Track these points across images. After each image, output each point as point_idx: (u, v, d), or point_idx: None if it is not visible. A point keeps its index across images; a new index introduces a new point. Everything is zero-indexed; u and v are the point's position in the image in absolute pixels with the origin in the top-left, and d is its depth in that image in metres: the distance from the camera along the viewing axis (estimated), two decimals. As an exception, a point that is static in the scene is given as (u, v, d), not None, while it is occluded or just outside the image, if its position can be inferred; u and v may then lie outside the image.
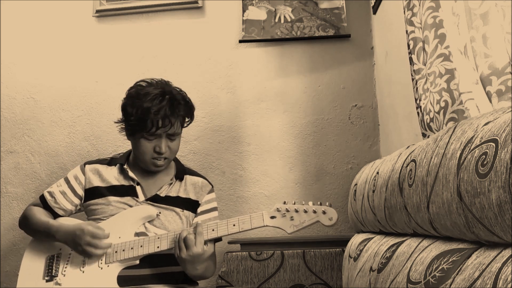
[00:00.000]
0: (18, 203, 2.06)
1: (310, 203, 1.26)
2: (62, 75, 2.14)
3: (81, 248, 1.27)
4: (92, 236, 1.27)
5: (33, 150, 2.10)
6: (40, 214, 1.41)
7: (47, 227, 1.34)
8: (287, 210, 1.25)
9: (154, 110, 1.31)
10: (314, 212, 1.24)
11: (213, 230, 1.27)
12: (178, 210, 1.41)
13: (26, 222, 1.42)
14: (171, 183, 1.45)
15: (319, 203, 1.27)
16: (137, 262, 1.31)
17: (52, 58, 2.15)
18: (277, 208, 1.26)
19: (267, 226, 1.26)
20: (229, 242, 1.71)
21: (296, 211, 1.25)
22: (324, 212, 1.24)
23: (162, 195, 1.42)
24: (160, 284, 1.35)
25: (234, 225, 1.27)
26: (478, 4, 0.87)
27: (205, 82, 2.06)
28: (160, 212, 1.38)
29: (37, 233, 1.39)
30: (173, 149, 1.41)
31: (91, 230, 1.28)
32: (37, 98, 2.14)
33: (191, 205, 1.45)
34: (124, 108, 1.39)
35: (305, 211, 1.25)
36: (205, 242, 1.26)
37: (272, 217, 1.26)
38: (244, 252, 1.61)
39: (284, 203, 1.27)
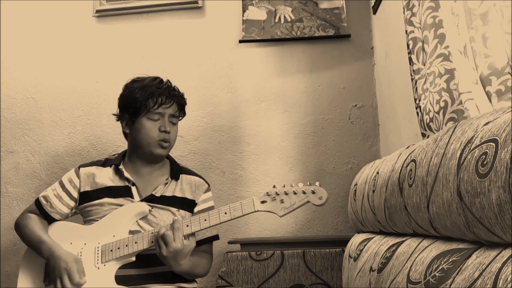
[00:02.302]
0: (18, 203, 2.06)
1: (300, 184, 1.25)
2: (62, 75, 2.14)
3: (58, 272, 1.25)
4: (77, 270, 1.26)
5: (33, 150, 2.10)
6: (35, 225, 1.40)
7: (40, 241, 1.34)
8: (277, 194, 1.24)
9: (157, 87, 1.41)
10: (304, 192, 1.23)
11: (205, 220, 1.26)
12: (173, 209, 1.41)
13: (21, 231, 1.42)
14: (167, 183, 1.45)
15: (308, 183, 1.26)
16: (133, 259, 1.31)
17: (52, 58, 2.15)
18: (267, 193, 1.25)
19: (258, 211, 1.25)
20: (229, 242, 1.71)
21: (286, 193, 1.24)
22: (313, 192, 1.23)
23: (158, 195, 1.42)
24: (157, 283, 1.35)
25: (225, 213, 1.26)
26: (477, 4, 0.87)
27: (205, 82, 2.06)
28: (152, 208, 1.37)
29: (29, 244, 1.39)
30: (174, 135, 1.46)
31: (80, 266, 1.27)
32: (37, 98, 2.14)
33: (187, 205, 1.45)
34: (122, 97, 1.46)
35: (295, 193, 1.23)
36: (186, 237, 1.24)
37: (263, 202, 1.25)
38: (244, 252, 1.61)
39: (274, 187, 1.26)
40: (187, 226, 1.26)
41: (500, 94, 0.81)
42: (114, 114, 1.50)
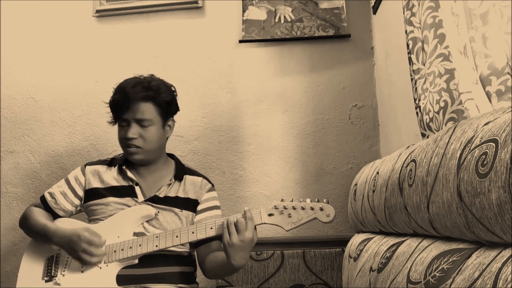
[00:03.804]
0: (18, 203, 2.06)
1: (308, 200, 1.26)
2: (62, 75, 2.14)
3: (76, 255, 1.27)
4: (88, 243, 1.26)
5: (33, 150, 2.10)
6: (39, 216, 1.41)
7: (44, 229, 1.35)
8: (285, 208, 1.24)
9: (123, 93, 1.38)
10: (312, 209, 1.24)
11: (211, 228, 1.26)
12: (177, 210, 1.41)
13: (25, 223, 1.43)
14: (170, 184, 1.45)
15: (316, 200, 1.26)
16: (136, 261, 1.31)
17: (52, 58, 2.15)
18: (275, 206, 1.25)
19: (264, 223, 1.25)
20: (229, 242, 1.71)
21: (294, 208, 1.24)
22: (321, 209, 1.24)
23: (161, 195, 1.42)
24: (158, 283, 1.35)
25: None
26: (477, 4, 0.87)
27: (205, 82, 2.06)
28: (158, 212, 1.37)
29: (35, 234, 1.39)
30: (147, 138, 1.39)
31: (88, 237, 1.27)
32: (37, 98, 2.14)
33: (190, 205, 1.44)
34: (110, 101, 1.45)
35: (303, 208, 1.24)
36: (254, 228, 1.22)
37: (270, 215, 1.25)
38: (244, 252, 1.60)
39: (282, 200, 1.26)
40: (193, 233, 1.27)
41: (500, 94, 0.81)
42: (109, 122, 1.50)
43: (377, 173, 1.15)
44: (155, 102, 1.39)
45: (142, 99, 1.37)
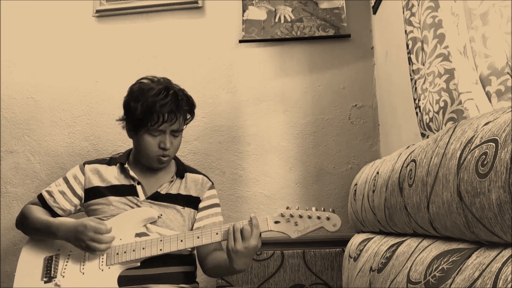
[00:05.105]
0: (18, 203, 2.06)
1: (314, 208, 1.26)
2: (62, 75, 2.14)
3: (84, 244, 1.26)
4: (95, 231, 1.26)
5: (33, 150, 2.10)
6: (39, 213, 1.40)
7: (47, 225, 1.33)
8: (291, 216, 1.25)
9: (160, 104, 1.33)
10: (318, 218, 1.24)
11: (216, 233, 1.26)
12: (179, 207, 1.41)
13: (24, 221, 1.41)
14: (172, 181, 1.45)
15: (322, 209, 1.27)
16: (138, 264, 1.30)
17: (52, 58, 2.15)
18: (281, 213, 1.25)
19: (271, 231, 1.25)
20: (229, 242, 1.71)
21: (300, 216, 1.25)
22: (328, 218, 1.25)
23: (163, 192, 1.42)
24: (160, 284, 1.35)
25: None
26: (477, 4, 0.87)
27: (205, 82, 2.06)
28: (161, 215, 1.37)
29: (36, 231, 1.38)
30: (176, 146, 1.42)
31: (94, 225, 1.26)
32: (37, 98, 2.14)
33: (192, 202, 1.45)
34: (127, 104, 1.40)
35: (309, 217, 1.24)
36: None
37: (276, 222, 1.25)
38: (244, 252, 1.60)
39: (287, 208, 1.27)
40: (198, 237, 1.27)
41: (500, 94, 0.81)
42: (117, 120, 1.47)
43: (377, 173, 1.15)
44: (190, 113, 1.43)
45: (181, 112, 1.38)
